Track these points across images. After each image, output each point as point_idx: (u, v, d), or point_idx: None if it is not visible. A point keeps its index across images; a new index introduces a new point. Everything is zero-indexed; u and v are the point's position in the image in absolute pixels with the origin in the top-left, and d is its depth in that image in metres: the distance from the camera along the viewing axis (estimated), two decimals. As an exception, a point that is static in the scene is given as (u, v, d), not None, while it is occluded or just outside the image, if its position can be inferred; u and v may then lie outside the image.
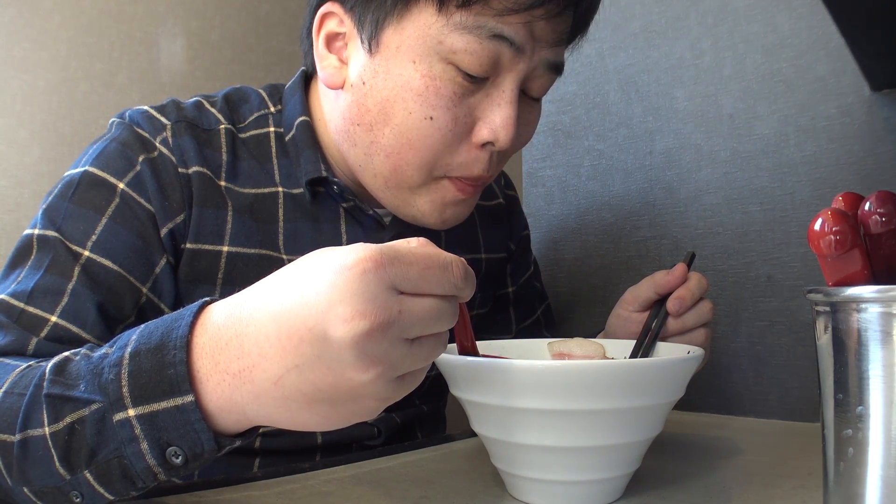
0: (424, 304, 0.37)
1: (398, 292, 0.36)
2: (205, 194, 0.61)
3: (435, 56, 0.56)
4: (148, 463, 0.39)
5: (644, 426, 0.46)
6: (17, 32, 0.97)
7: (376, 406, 0.39)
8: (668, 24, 0.93)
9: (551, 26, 0.57)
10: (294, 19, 1.25)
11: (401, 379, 0.38)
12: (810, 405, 0.79)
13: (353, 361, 0.35)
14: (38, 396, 0.41)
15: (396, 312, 0.35)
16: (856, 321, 0.34)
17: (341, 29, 0.60)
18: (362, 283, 0.35)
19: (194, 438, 0.39)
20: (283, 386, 0.37)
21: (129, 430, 0.39)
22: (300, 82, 0.69)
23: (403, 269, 0.36)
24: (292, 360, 0.36)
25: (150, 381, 0.39)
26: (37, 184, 0.97)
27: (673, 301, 0.64)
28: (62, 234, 0.56)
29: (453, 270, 0.38)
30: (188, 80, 1.12)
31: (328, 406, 0.38)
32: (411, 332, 0.37)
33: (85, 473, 0.40)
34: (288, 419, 0.39)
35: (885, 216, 0.37)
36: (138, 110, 0.63)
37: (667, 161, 0.93)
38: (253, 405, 0.38)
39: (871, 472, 0.34)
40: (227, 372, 0.38)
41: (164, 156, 0.60)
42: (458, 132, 0.58)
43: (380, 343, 0.35)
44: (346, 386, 0.36)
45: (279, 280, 0.38)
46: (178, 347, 0.39)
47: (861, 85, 0.76)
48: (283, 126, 0.67)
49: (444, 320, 0.38)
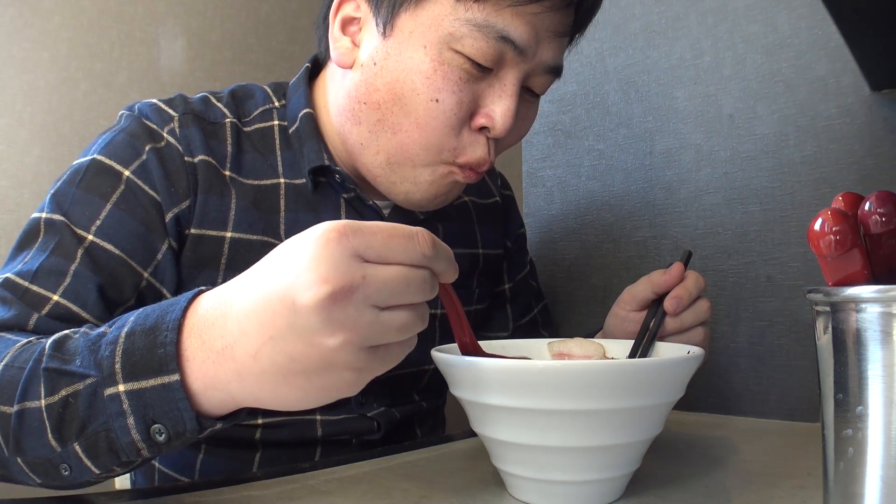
0: (389, 272, 0.38)
1: (363, 260, 0.38)
2: (210, 182, 0.63)
3: (445, 45, 0.58)
4: (133, 437, 0.41)
5: (644, 426, 0.46)
6: (17, 32, 0.97)
7: (352, 378, 0.39)
8: (668, 24, 0.93)
9: (558, 17, 0.60)
10: (294, 19, 1.25)
11: (374, 349, 0.39)
12: (810, 405, 0.79)
13: (319, 327, 0.37)
14: (37, 370, 0.44)
15: (360, 278, 0.37)
16: (856, 321, 0.34)
17: (357, 13, 0.63)
18: (325, 251, 0.37)
19: (177, 417, 0.41)
20: (261, 359, 0.39)
21: (118, 405, 0.41)
22: (304, 77, 0.71)
23: (367, 238, 0.38)
24: (267, 333, 0.38)
25: (142, 358, 0.41)
26: (37, 184, 0.97)
27: (670, 300, 0.64)
28: (68, 219, 0.58)
29: (419, 239, 0.39)
30: (188, 80, 1.12)
31: (304, 378, 0.39)
32: (377, 300, 0.38)
33: (75, 446, 0.43)
34: (269, 395, 0.40)
35: (885, 216, 0.37)
36: (147, 103, 0.65)
37: (667, 161, 0.93)
38: (236, 382, 0.40)
39: (870, 471, 0.34)
40: (211, 349, 0.40)
41: (171, 145, 0.62)
42: (461, 116, 0.60)
43: (344, 308, 0.37)
44: (317, 353, 0.38)
45: (261, 263, 0.40)
46: (171, 329, 0.41)
47: (861, 85, 0.76)
48: (287, 119, 0.70)
49: (413, 290, 0.39)
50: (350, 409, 0.70)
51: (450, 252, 0.42)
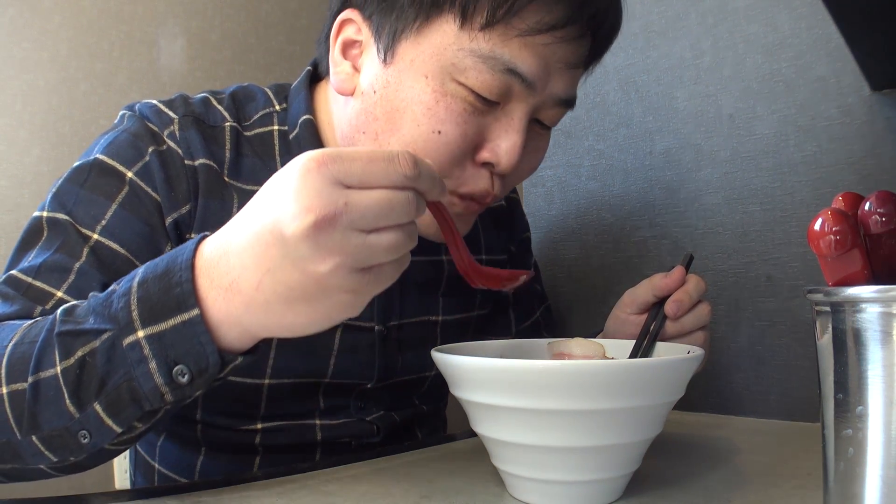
0: (372, 197, 0.39)
1: (344, 186, 0.38)
2: (210, 187, 0.62)
3: (447, 76, 0.56)
4: (156, 382, 0.42)
5: (644, 426, 0.46)
6: (17, 32, 0.97)
7: (350, 299, 0.41)
8: (668, 24, 0.93)
9: (570, 49, 0.57)
10: (294, 19, 1.25)
11: (367, 271, 0.40)
12: (810, 405, 0.79)
13: (310, 254, 0.38)
14: (50, 339, 0.44)
15: (342, 205, 0.38)
16: (856, 321, 0.34)
17: (358, 37, 0.61)
18: (306, 180, 0.38)
19: (200, 353, 0.42)
20: (263, 290, 0.40)
21: (139, 352, 0.42)
22: (306, 82, 0.69)
23: (346, 164, 0.39)
24: (265, 265, 0.39)
25: (159, 301, 0.42)
26: (37, 184, 0.97)
27: (671, 304, 0.63)
28: (73, 218, 0.58)
29: (399, 161, 0.40)
30: (188, 80, 1.12)
31: (305, 304, 0.40)
32: (363, 224, 0.39)
33: (95, 406, 0.43)
34: (277, 323, 0.42)
35: (885, 216, 0.37)
36: (147, 104, 0.64)
37: (667, 161, 0.93)
38: (246, 315, 0.41)
39: (870, 471, 0.34)
40: (220, 287, 0.41)
41: (171, 149, 0.62)
42: (465, 149, 0.58)
43: (331, 234, 0.38)
44: (312, 280, 0.39)
45: (252, 201, 0.42)
46: (184, 269, 0.42)
47: (861, 85, 0.76)
48: (287, 124, 0.68)
49: (399, 212, 0.40)
50: (349, 413, 0.70)
51: (433, 170, 0.42)
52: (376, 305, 0.68)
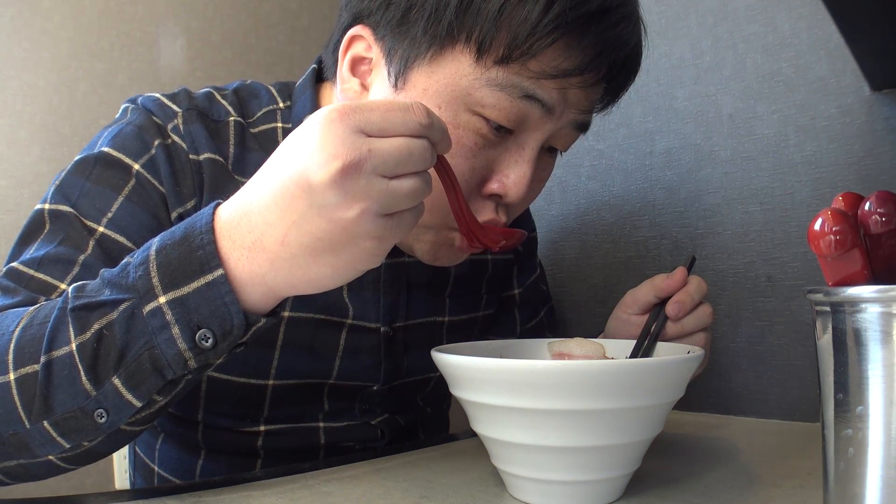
0: (393, 143, 0.41)
1: (366, 135, 0.40)
2: (216, 181, 0.61)
3: (462, 105, 0.55)
4: (179, 348, 0.42)
5: (644, 426, 0.46)
6: (17, 32, 0.97)
7: (374, 247, 0.42)
8: (668, 24, 0.93)
9: (585, 94, 0.57)
10: (294, 19, 1.25)
11: (389, 217, 0.42)
12: (810, 405, 0.79)
13: (337, 201, 0.39)
14: (64, 316, 0.44)
15: (366, 151, 0.39)
16: (856, 321, 0.34)
17: (368, 54, 0.59)
18: (330, 130, 0.39)
19: (224, 314, 0.42)
20: (289, 244, 0.41)
21: (161, 318, 0.42)
22: (311, 80, 0.68)
23: (366, 114, 0.40)
24: (290, 217, 0.40)
25: (181, 266, 0.42)
26: (37, 184, 0.97)
27: (672, 305, 0.63)
28: (77, 210, 0.56)
29: (415, 110, 0.42)
30: (188, 80, 1.12)
31: (331, 254, 0.41)
32: (385, 169, 0.40)
33: (113, 380, 0.43)
34: (301, 277, 0.43)
35: (885, 216, 0.37)
36: (150, 97, 0.63)
37: (667, 161, 0.93)
38: (270, 272, 0.42)
39: (871, 472, 0.34)
40: (243, 246, 0.42)
41: (176, 143, 0.61)
42: (473, 182, 0.57)
43: (357, 179, 0.39)
44: (339, 227, 0.40)
45: (271, 159, 0.43)
46: (205, 232, 0.42)
47: (861, 85, 0.76)
48: (291, 122, 0.67)
49: (416, 158, 0.42)
50: (353, 416, 0.69)
51: (444, 123, 0.44)
52: (382, 307, 0.68)
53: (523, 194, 0.58)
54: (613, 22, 0.54)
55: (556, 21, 0.51)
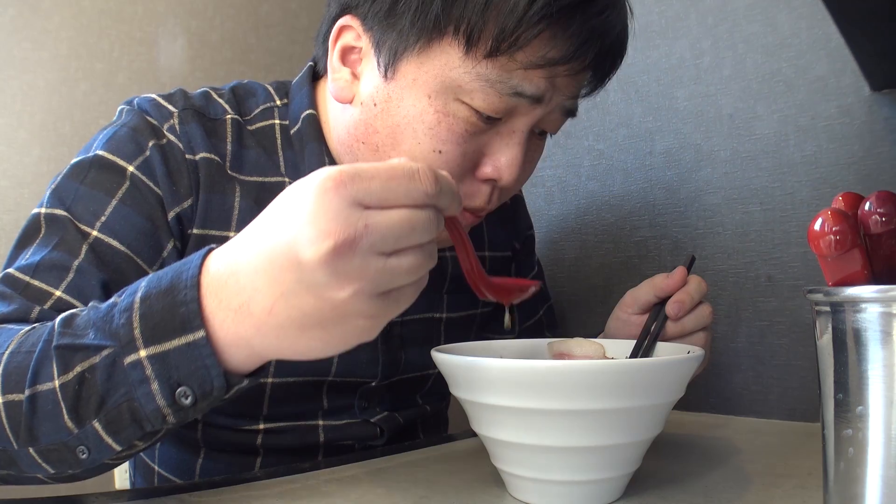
0: (393, 216, 0.37)
1: (363, 207, 0.36)
2: (212, 180, 0.62)
3: (451, 95, 0.56)
4: (158, 404, 0.41)
5: (644, 426, 0.46)
6: (17, 32, 0.97)
7: (367, 325, 0.39)
8: (668, 24, 0.93)
9: (573, 80, 0.58)
10: (294, 19, 1.25)
11: (386, 295, 0.38)
12: (810, 405, 0.79)
13: (327, 281, 0.36)
14: (48, 350, 0.42)
15: (362, 227, 0.36)
16: (856, 321, 0.34)
17: (358, 43, 0.60)
18: (324, 202, 0.35)
19: (204, 375, 0.40)
20: (276, 314, 0.38)
21: (141, 372, 0.40)
22: (308, 77, 0.69)
23: (365, 183, 0.36)
24: (278, 289, 0.37)
25: (162, 320, 0.40)
26: (37, 184, 0.97)
27: (672, 305, 0.64)
28: (71, 214, 0.56)
29: (420, 177, 0.37)
30: (188, 80, 1.12)
31: (320, 330, 0.38)
32: (383, 246, 0.37)
33: (94, 423, 0.41)
34: (288, 347, 0.40)
35: (885, 216, 0.37)
36: (146, 98, 0.64)
37: (667, 161, 0.93)
38: (257, 337, 0.39)
39: (871, 472, 0.34)
40: (229, 308, 0.39)
41: (171, 143, 0.61)
42: (465, 167, 0.58)
43: (350, 259, 0.36)
44: (329, 306, 0.37)
45: (263, 216, 0.40)
46: (189, 287, 0.40)
47: (861, 85, 0.76)
48: (288, 119, 0.68)
49: (419, 231, 0.38)
50: (353, 415, 0.69)
51: (454, 184, 0.40)
52: None
53: (516, 176, 0.59)
54: (598, 9, 0.55)
55: (543, 11, 0.52)
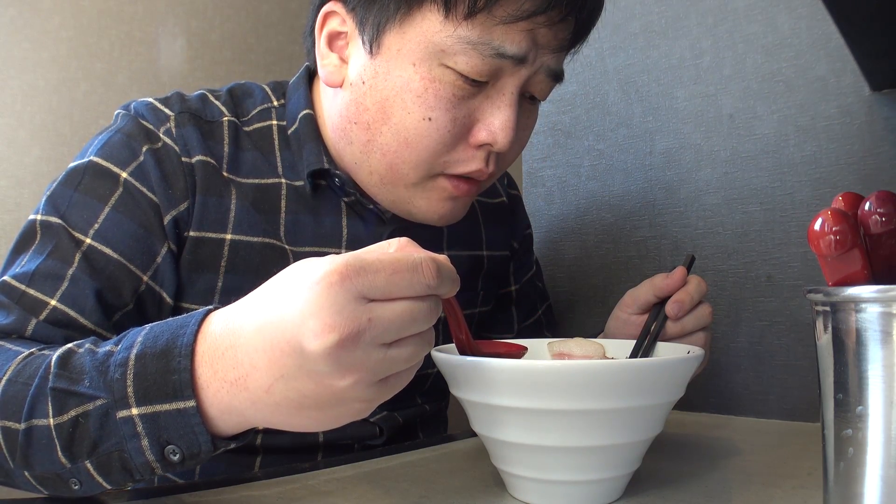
0: (396, 309, 0.38)
1: (367, 300, 0.37)
2: (208, 183, 0.62)
3: (435, 61, 0.57)
4: (147, 458, 0.42)
5: (644, 426, 0.46)
6: (17, 32, 0.97)
7: (364, 407, 0.40)
8: (668, 24, 0.93)
9: (553, 32, 0.58)
10: (294, 19, 1.25)
11: (384, 381, 0.39)
12: (810, 405, 0.79)
13: (329, 371, 0.37)
14: (44, 388, 0.43)
15: (366, 321, 0.36)
16: (856, 321, 0.34)
17: (343, 28, 0.61)
18: (329, 296, 0.36)
19: (192, 440, 0.41)
20: (273, 393, 0.39)
21: (132, 427, 0.41)
22: (304, 78, 0.70)
23: (370, 277, 0.37)
24: (278, 371, 0.38)
25: (155, 383, 0.41)
26: (37, 184, 0.97)
27: (672, 305, 0.64)
28: (65, 221, 0.57)
29: (423, 271, 0.38)
30: (188, 80, 1.12)
31: (316, 410, 0.40)
32: (385, 338, 0.38)
33: (86, 463, 0.43)
34: (283, 422, 0.41)
35: (885, 216, 0.37)
36: (143, 102, 0.64)
37: (667, 161, 0.93)
38: (250, 410, 0.40)
39: (870, 472, 0.34)
40: (224, 380, 0.40)
41: (167, 146, 0.61)
42: (456, 133, 0.59)
43: (352, 352, 0.36)
44: (328, 392, 0.38)
45: (264, 293, 0.40)
46: (183, 355, 0.41)
47: (861, 85, 0.76)
48: (285, 119, 0.68)
49: (420, 321, 0.39)
50: None
51: (453, 271, 0.41)
52: None
53: (511, 139, 0.59)
54: None
55: None
